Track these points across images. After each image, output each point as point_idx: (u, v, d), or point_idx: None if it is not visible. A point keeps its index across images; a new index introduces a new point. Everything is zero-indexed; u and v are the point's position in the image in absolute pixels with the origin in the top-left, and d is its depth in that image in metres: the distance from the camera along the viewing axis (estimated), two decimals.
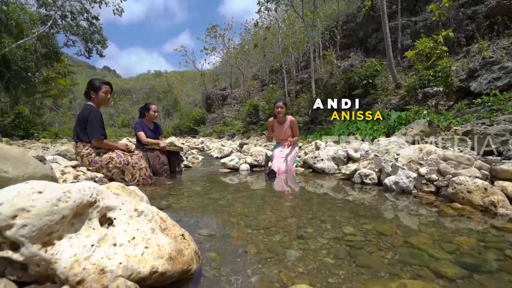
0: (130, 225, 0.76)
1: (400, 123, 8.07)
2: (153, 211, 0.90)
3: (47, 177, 0.88)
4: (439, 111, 8.58)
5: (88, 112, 2.52)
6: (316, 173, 3.28)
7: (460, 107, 8.01)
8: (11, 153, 0.79)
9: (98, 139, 2.53)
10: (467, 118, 7.29)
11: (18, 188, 0.65)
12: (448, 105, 8.91)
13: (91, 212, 0.72)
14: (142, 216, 0.80)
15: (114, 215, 0.76)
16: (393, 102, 10.79)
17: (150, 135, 3.43)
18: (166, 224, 0.88)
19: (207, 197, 2.10)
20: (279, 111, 3.54)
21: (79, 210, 0.69)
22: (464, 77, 8.65)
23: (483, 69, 8.25)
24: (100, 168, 2.52)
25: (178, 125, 29.46)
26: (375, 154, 2.95)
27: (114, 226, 0.74)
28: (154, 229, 0.79)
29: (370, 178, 2.57)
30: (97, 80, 2.69)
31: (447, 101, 8.97)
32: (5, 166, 0.74)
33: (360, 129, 9.14)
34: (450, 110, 8.59)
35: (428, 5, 15.41)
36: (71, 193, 0.67)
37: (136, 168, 2.64)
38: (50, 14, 18.68)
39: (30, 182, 0.68)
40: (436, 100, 9.17)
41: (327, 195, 2.23)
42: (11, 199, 0.61)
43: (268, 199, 2.07)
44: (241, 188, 2.49)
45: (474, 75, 8.41)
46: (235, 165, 3.62)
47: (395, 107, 10.29)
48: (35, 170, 0.83)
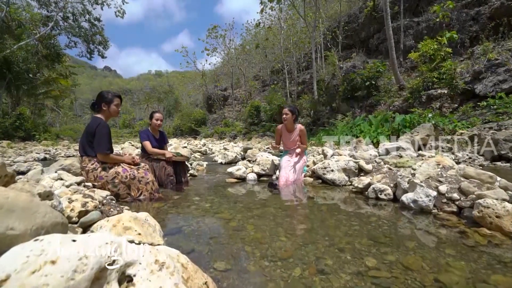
0: (152, 282, 0.69)
1: (404, 126, 8.00)
2: (174, 258, 0.83)
3: (58, 225, 0.81)
4: (443, 114, 8.50)
5: (96, 126, 2.44)
6: (325, 184, 3.18)
7: (465, 110, 7.93)
8: (18, 202, 0.73)
9: (104, 153, 2.46)
10: (473, 121, 7.21)
11: (26, 252, 0.58)
12: (453, 108, 8.83)
13: (110, 274, 0.65)
14: (164, 269, 0.74)
15: (133, 271, 0.70)
16: (397, 104, 10.70)
17: (155, 145, 3.37)
18: (188, 272, 0.82)
19: (217, 217, 2.02)
20: (284, 118, 3.45)
21: (97, 276, 0.62)
22: (469, 79, 8.56)
23: (488, 71, 8.17)
24: (105, 183, 2.45)
25: (179, 126, 29.41)
26: (388, 167, 2.85)
27: (134, 286, 0.68)
28: (177, 284, 0.72)
29: (385, 194, 2.45)
30: (109, 93, 2.61)
31: (451, 104, 8.89)
32: (11, 221, 0.68)
33: (363, 131, 9.05)
34: (455, 112, 8.51)
35: (430, 5, 15.32)
36: (88, 258, 0.60)
37: (142, 182, 2.55)
38: (52, 15, 18.64)
39: (39, 243, 0.61)
40: (441, 103, 9.09)
41: (341, 214, 2.12)
42: (17, 273, 0.54)
43: (280, 219, 1.97)
44: (250, 204, 2.40)
45: (479, 77, 8.33)
46: (242, 175, 3.55)
47: (399, 109, 10.21)
48: (44, 219, 0.76)
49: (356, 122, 9.90)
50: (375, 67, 12.48)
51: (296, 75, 24.38)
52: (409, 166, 2.76)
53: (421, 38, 13.60)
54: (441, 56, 9.36)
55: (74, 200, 1.40)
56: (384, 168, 2.89)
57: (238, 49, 30.46)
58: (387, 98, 11.79)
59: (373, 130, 8.73)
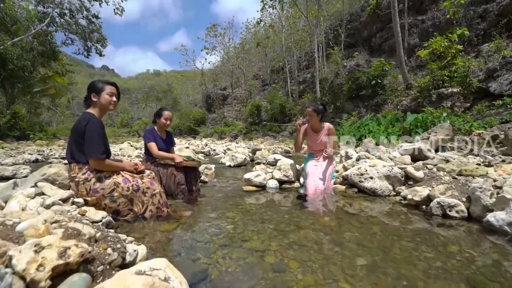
0: None
1: (416, 126, 7.68)
2: None
3: None
4: (455, 113, 8.20)
5: (85, 123, 1.90)
6: (363, 194, 2.72)
7: (480, 109, 7.62)
8: None
9: (98, 159, 1.91)
10: (489, 120, 6.91)
11: None
12: (465, 107, 8.52)
13: None
14: None
15: None
16: (405, 103, 10.40)
17: (162, 147, 2.91)
18: None
19: (247, 249, 1.56)
20: (307, 120, 3.01)
21: None
22: (482, 78, 8.27)
23: (503, 69, 7.88)
24: (101, 198, 1.92)
25: (178, 125, 28.99)
26: (452, 176, 2.42)
27: None
28: None
29: (457, 211, 1.99)
30: (100, 81, 2.11)
31: (463, 103, 8.59)
32: None
33: (372, 131, 8.72)
34: (467, 112, 8.21)
35: (435, 3, 15.07)
36: None
37: (148, 194, 2.05)
38: (48, 11, 18.17)
39: None
40: (452, 102, 8.78)
41: (403, 239, 1.63)
42: None
43: (328, 249, 1.54)
44: (282, 225, 1.93)
45: (493, 75, 8.04)
46: (262, 182, 3.09)
47: (407, 108, 9.90)
48: None
49: (364, 121, 9.56)
50: (381, 65, 12.18)
51: (296, 74, 24.07)
52: (480, 174, 2.30)
53: (427, 37, 13.33)
54: (452, 53, 9.07)
55: (46, 246, 0.86)
56: (441, 176, 2.44)
57: (238, 48, 30.10)
58: (394, 97, 11.49)
59: (383, 130, 8.40)
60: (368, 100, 12.91)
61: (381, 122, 8.97)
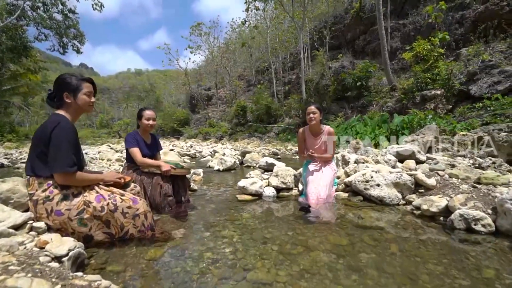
0: None
1: (402, 127, 7.78)
2: None
3: None
4: (439, 115, 8.39)
5: (52, 127, 1.50)
6: (369, 202, 2.54)
7: (462, 111, 7.83)
8: None
9: (65, 173, 1.51)
10: (471, 122, 7.10)
11: None
12: (447, 109, 8.76)
13: None
14: None
15: None
16: (390, 104, 10.56)
17: (146, 153, 2.53)
18: None
19: (251, 281, 1.29)
20: (311, 118, 2.72)
21: None
22: (463, 81, 8.52)
23: (483, 73, 8.14)
24: (67, 221, 1.52)
25: (161, 126, 28.16)
26: (472, 185, 2.25)
27: None
28: None
29: (483, 225, 1.80)
30: (73, 77, 1.66)
31: (446, 105, 8.82)
32: None
33: (360, 133, 8.76)
34: (449, 114, 8.43)
35: (415, 8, 15.55)
36: None
37: (128, 216, 1.65)
38: (19, 3, 16.95)
39: None
40: (435, 103, 9.00)
41: (429, 261, 1.45)
42: None
43: (344, 277, 1.31)
44: (287, 246, 1.67)
45: (473, 78, 8.30)
46: (258, 190, 2.83)
47: (392, 110, 10.06)
48: None
49: (351, 122, 9.61)
50: (366, 67, 12.34)
51: (282, 75, 24.07)
52: (502, 183, 2.15)
53: (408, 40, 13.69)
54: (434, 56, 9.30)
55: None
56: (456, 184, 2.29)
57: (223, 48, 29.69)
58: (379, 99, 11.66)
59: (370, 131, 8.45)
60: (354, 102, 13.05)
61: (368, 123, 9.04)
